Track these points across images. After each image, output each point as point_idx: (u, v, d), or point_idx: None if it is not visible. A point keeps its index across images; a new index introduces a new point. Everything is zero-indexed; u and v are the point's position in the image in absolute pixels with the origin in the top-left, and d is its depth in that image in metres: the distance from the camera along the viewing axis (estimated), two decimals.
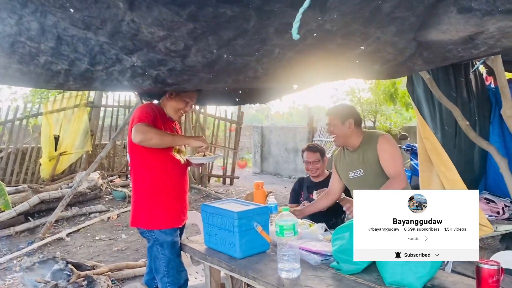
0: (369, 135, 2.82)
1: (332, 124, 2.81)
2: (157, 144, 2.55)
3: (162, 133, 2.57)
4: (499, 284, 1.74)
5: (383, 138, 2.71)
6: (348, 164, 2.88)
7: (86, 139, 8.40)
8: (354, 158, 2.82)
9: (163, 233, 2.64)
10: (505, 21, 1.55)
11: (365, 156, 2.75)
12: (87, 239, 5.59)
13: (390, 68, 2.06)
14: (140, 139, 2.46)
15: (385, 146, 2.67)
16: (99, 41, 1.62)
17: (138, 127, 2.46)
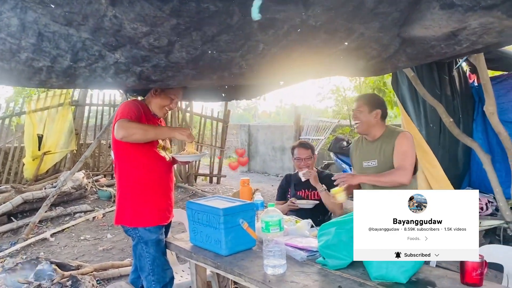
0: (392, 129, 2.87)
1: (359, 109, 2.82)
2: (141, 139, 2.52)
3: (145, 127, 2.53)
4: (483, 277, 1.77)
5: (403, 135, 2.76)
6: (364, 154, 2.92)
7: (71, 138, 8.30)
8: (372, 149, 2.86)
9: (147, 231, 2.61)
10: (487, 17, 1.57)
11: (382, 148, 2.78)
12: (72, 239, 5.52)
13: (375, 64, 2.07)
14: (123, 135, 2.43)
15: (402, 141, 2.71)
16: (81, 37, 1.59)
17: (120, 123, 2.43)
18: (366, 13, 1.52)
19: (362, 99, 2.87)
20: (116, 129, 2.44)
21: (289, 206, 3.26)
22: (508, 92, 4.53)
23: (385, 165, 2.75)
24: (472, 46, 1.86)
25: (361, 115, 2.81)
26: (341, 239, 2.00)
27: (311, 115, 10.65)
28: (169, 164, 2.79)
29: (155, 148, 2.68)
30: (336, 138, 7.45)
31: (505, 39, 1.82)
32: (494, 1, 1.49)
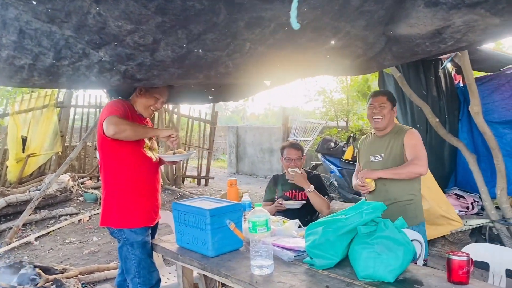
0: (400, 126, 2.95)
1: (383, 105, 2.86)
2: (131, 136, 2.49)
3: (134, 125, 2.51)
4: (469, 275, 1.78)
5: (412, 131, 2.84)
6: (372, 148, 2.97)
7: (56, 140, 8.19)
8: (380, 143, 2.91)
9: (133, 232, 2.58)
10: (470, 15, 1.59)
11: (390, 144, 2.84)
12: (57, 242, 5.44)
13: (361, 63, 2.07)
14: (114, 131, 2.39)
15: (412, 136, 2.79)
16: (64, 35, 1.56)
17: (110, 119, 2.40)
18: (352, 11, 1.52)
19: (385, 94, 2.92)
20: (106, 126, 2.40)
21: (277, 206, 3.25)
22: (492, 93, 4.60)
23: (391, 159, 2.81)
24: (457, 44, 1.87)
25: (385, 110, 2.85)
26: (328, 238, 2.00)
27: (299, 116, 10.68)
28: (155, 164, 2.76)
29: (141, 148, 2.65)
30: (324, 139, 7.47)
31: (488, 37, 1.83)
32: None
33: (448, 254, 1.81)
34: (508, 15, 1.56)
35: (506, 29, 1.72)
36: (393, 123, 2.95)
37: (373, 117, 2.88)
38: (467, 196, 4.49)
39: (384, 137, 2.91)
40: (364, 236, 1.93)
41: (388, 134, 2.90)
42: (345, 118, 10.37)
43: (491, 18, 1.57)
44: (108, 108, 2.51)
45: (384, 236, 1.90)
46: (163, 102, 2.74)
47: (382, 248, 1.87)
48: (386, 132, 2.91)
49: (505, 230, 3.87)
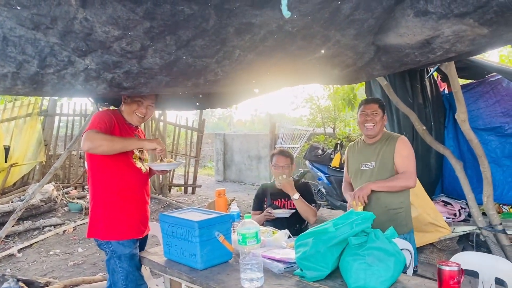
0: (389, 134, 2.96)
1: (375, 112, 2.87)
2: (108, 151, 2.42)
3: (111, 139, 2.42)
4: (460, 285, 1.76)
5: (403, 139, 2.86)
6: (362, 156, 2.96)
7: (39, 149, 8.03)
8: (370, 151, 2.91)
9: (121, 245, 2.52)
10: (459, 25, 1.59)
11: (381, 151, 2.84)
12: (41, 254, 5.31)
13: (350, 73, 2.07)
14: (88, 147, 2.34)
15: (404, 146, 2.81)
16: (50, 42, 1.52)
17: (86, 135, 2.34)
18: (342, 20, 1.51)
19: (377, 102, 2.93)
20: (82, 141, 2.36)
21: (266, 216, 3.22)
22: (477, 100, 4.65)
23: (382, 167, 2.81)
24: (446, 55, 1.88)
25: (377, 117, 2.86)
26: (318, 250, 1.97)
27: (286, 123, 10.69)
28: (145, 176, 2.70)
29: (130, 158, 2.60)
30: (311, 146, 7.48)
31: (477, 48, 1.84)
32: (466, 9, 1.50)
33: (438, 265, 1.80)
34: (496, 25, 1.57)
35: (493, 39, 1.74)
36: (383, 131, 2.96)
37: (365, 124, 2.88)
38: (454, 203, 4.51)
39: (374, 144, 2.91)
40: (354, 247, 1.91)
41: (378, 141, 2.90)
42: (332, 125, 10.42)
43: (480, 28, 1.58)
44: (92, 121, 2.46)
45: (374, 247, 1.89)
46: (149, 106, 2.64)
47: (373, 259, 1.85)
48: (376, 140, 2.92)
49: (492, 236, 3.89)
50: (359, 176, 2.94)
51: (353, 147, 3.12)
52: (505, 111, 4.45)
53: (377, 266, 1.84)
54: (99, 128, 2.40)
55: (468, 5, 1.48)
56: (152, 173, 2.79)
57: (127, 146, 2.53)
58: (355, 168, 3.00)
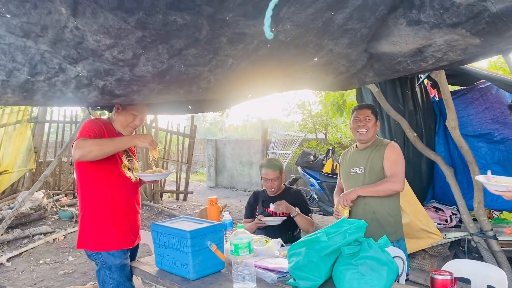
0: (380, 140, 2.97)
1: (368, 118, 2.89)
2: (99, 155, 2.37)
3: (101, 142, 2.38)
4: None
5: (392, 144, 2.87)
6: (353, 161, 2.97)
7: (29, 156, 7.95)
8: (361, 156, 2.92)
9: (111, 255, 2.48)
10: (451, 34, 1.60)
11: (371, 157, 2.85)
12: (30, 263, 5.24)
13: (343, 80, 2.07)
14: (80, 155, 2.30)
15: (392, 151, 2.82)
16: (40, 50, 1.50)
17: (76, 144, 2.32)
18: (335, 29, 1.51)
19: (370, 108, 2.95)
20: (73, 151, 2.33)
21: (257, 223, 3.21)
22: (467, 107, 4.69)
23: (371, 171, 2.82)
24: (437, 63, 1.89)
25: (370, 123, 2.88)
26: (311, 259, 1.96)
27: (278, 129, 10.70)
28: (135, 185, 2.68)
29: (119, 167, 2.57)
30: (303, 152, 7.49)
31: (468, 57, 1.86)
32: (458, 19, 1.52)
33: (431, 274, 1.81)
34: (487, 35, 1.58)
35: (485, 49, 1.75)
36: (375, 136, 2.97)
37: (358, 130, 2.89)
38: (445, 209, 4.54)
39: (365, 150, 2.92)
40: (348, 257, 1.91)
41: (369, 147, 2.92)
42: (324, 130, 10.45)
43: (472, 38, 1.59)
44: (82, 128, 2.44)
45: (367, 256, 1.88)
46: (142, 119, 2.66)
47: (366, 268, 1.85)
48: (367, 145, 2.93)
49: (483, 242, 3.91)
50: (349, 181, 2.95)
51: (346, 153, 3.14)
52: (494, 117, 4.50)
53: (370, 275, 1.83)
54: (88, 136, 2.37)
55: (461, 16, 1.49)
56: (141, 182, 2.76)
57: (119, 147, 2.48)
58: (345, 173, 3.02)
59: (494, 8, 1.42)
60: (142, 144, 2.51)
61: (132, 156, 2.76)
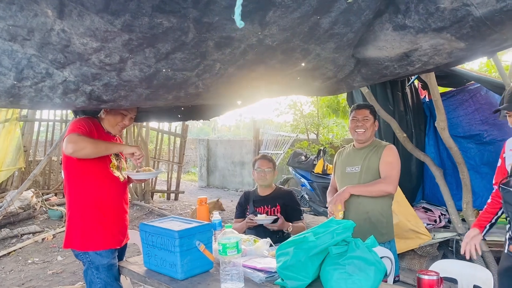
0: (378, 141, 2.98)
1: (367, 118, 2.89)
2: (91, 154, 2.39)
3: (95, 142, 2.41)
4: None
5: (391, 146, 2.88)
6: (349, 159, 2.98)
7: (19, 155, 7.88)
8: (357, 155, 2.92)
9: (98, 255, 2.48)
10: (437, 39, 1.62)
11: (368, 156, 2.85)
12: (19, 263, 5.20)
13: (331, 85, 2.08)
14: (73, 149, 2.31)
15: (390, 152, 2.82)
16: (27, 54, 1.49)
17: (69, 137, 2.32)
18: (321, 34, 1.52)
19: (367, 108, 2.95)
20: (65, 144, 2.32)
21: (248, 223, 3.21)
22: (457, 108, 4.73)
23: (367, 171, 2.83)
24: (424, 67, 1.91)
25: (368, 123, 2.89)
26: (299, 259, 1.97)
27: (270, 129, 10.71)
28: (123, 184, 2.68)
29: (108, 167, 2.57)
30: (295, 153, 7.51)
31: (454, 60, 1.88)
32: (443, 24, 1.53)
33: (418, 274, 1.83)
34: (472, 39, 1.60)
35: (470, 52, 1.77)
36: (373, 137, 2.98)
37: (356, 130, 2.90)
38: (434, 209, 4.58)
39: (362, 149, 2.93)
40: (335, 257, 1.92)
41: (366, 147, 2.92)
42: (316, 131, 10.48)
43: (457, 42, 1.61)
44: (71, 126, 2.44)
45: (355, 256, 1.89)
46: (131, 118, 2.66)
47: (353, 268, 1.86)
48: (365, 145, 2.94)
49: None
50: (344, 179, 2.96)
51: (342, 152, 3.15)
52: (484, 119, 4.54)
53: (357, 275, 1.84)
54: (80, 132, 2.38)
55: (445, 20, 1.50)
56: (130, 181, 2.76)
57: (109, 149, 2.52)
58: (340, 172, 3.03)
59: (477, 12, 1.44)
60: (130, 150, 2.55)
61: (120, 156, 2.77)
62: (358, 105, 3.04)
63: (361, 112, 2.92)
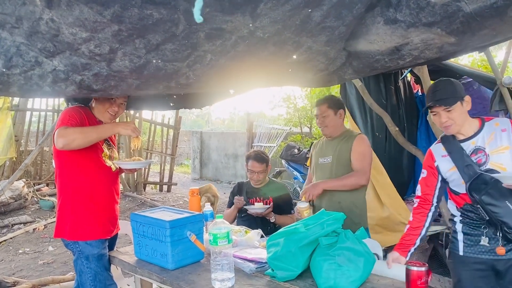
0: (350, 131, 2.98)
1: (324, 115, 2.86)
2: (83, 143, 2.35)
3: (84, 130, 2.37)
4: (427, 285, 1.81)
5: (361, 136, 2.87)
6: (322, 151, 2.99)
7: (10, 145, 7.82)
8: (330, 147, 2.93)
9: (88, 245, 2.48)
10: (428, 33, 1.63)
11: (338, 147, 2.86)
12: (9, 253, 5.19)
13: (322, 77, 2.09)
14: (63, 143, 2.28)
15: (361, 143, 2.82)
16: (16, 42, 1.48)
17: (58, 132, 2.30)
18: (313, 27, 1.52)
19: (324, 103, 2.90)
20: (55, 140, 2.31)
21: (236, 204, 3.25)
22: None
23: (338, 162, 2.84)
24: (415, 61, 1.92)
25: (328, 119, 2.86)
26: (289, 250, 2.00)
27: (264, 122, 10.72)
28: (114, 174, 2.66)
29: (99, 156, 2.56)
30: (288, 146, 7.53)
31: (444, 54, 1.89)
32: (434, 19, 1.54)
33: (407, 265, 1.84)
34: (462, 34, 1.61)
35: (460, 47, 1.79)
36: (342, 127, 2.96)
37: (319, 126, 2.93)
38: None
39: (333, 140, 2.94)
40: (325, 248, 1.94)
41: (337, 138, 2.92)
42: (309, 124, 10.49)
43: (447, 37, 1.62)
44: (62, 116, 2.41)
45: (345, 247, 1.92)
46: (122, 104, 2.59)
47: (343, 259, 1.89)
48: (336, 135, 2.93)
49: None
50: (317, 170, 2.99)
51: (316, 144, 3.17)
52: (476, 113, 4.53)
53: (347, 266, 1.87)
54: (70, 124, 2.35)
55: (436, 15, 1.51)
56: (121, 171, 2.75)
57: (102, 135, 2.46)
58: (314, 163, 3.05)
59: (468, 8, 1.44)
60: (125, 132, 2.50)
61: (112, 145, 2.75)
62: (316, 101, 3.02)
63: (320, 109, 2.90)
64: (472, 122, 2.15)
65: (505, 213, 1.96)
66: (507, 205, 1.96)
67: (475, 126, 2.14)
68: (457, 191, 2.16)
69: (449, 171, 2.16)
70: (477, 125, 2.15)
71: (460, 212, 2.19)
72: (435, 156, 2.24)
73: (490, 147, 2.05)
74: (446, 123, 2.09)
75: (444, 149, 2.19)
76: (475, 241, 2.13)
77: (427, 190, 2.28)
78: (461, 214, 2.19)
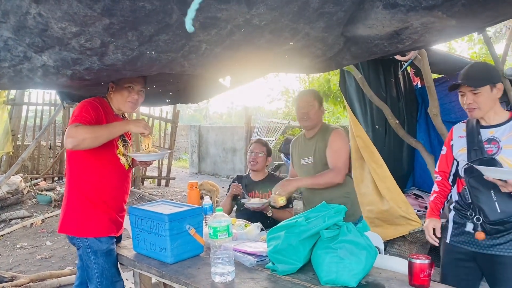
0: (326, 126, 2.89)
1: (309, 105, 2.79)
2: (93, 144, 2.23)
3: (95, 130, 2.23)
4: (430, 277, 1.80)
5: (336, 132, 2.78)
6: (302, 151, 2.93)
7: (6, 139, 7.79)
8: (309, 146, 2.87)
9: (97, 241, 2.38)
10: (428, 17, 1.59)
11: (317, 145, 2.80)
12: (7, 248, 5.17)
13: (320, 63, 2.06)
14: (73, 144, 2.16)
15: (335, 139, 2.74)
16: (3, 36, 1.44)
17: (68, 131, 2.16)
18: (311, 13, 1.48)
19: (311, 94, 2.86)
20: (65, 139, 2.19)
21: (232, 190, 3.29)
22: (449, 93, 4.71)
23: (320, 161, 2.78)
24: (414, 44, 1.89)
25: (312, 110, 2.80)
26: (290, 243, 1.97)
27: (262, 116, 10.68)
28: (126, 173, 2.56)
29: (114, 153, 2.46)
30: (286, 139, 7.49)
31: (444, 37, 1.87)
32: (434, 2, 1.50)
33: (409, 258, 1.83)
34: (463, 17, 1.58)
35: (461, 29, 1.77)
36: (321, 122, 2.91)
37: (302, 117, 2.84)
38: (425, 196, 4.59)
39: (312, 138, 2.88)
40: (326, 241, 1.91)
41: (315, 135, 2.86)
42: None
43: (448, 19, 1.58)
44: (77, 111, 2.28)
45: (346, 240, 1.89)
46: (140, 91, 2.47)
47: (345, 252, 1.86)
48: (314, 133, 2.87)
49: None
50: (301, 171, 2.94)
51: (296, 141, 3.09)
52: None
53: (349, 259, 1.85)
54: (83, 121, 2.23)
55: None
56: (134, 164, 2.67)
57: (113, 134, 2.33)
58: (296, 163, 3.00)
59: None
60: (136, 129, 2.37)
61: (127, 141, 2.64)
62: (300, 92, 2.99)
63: (304, 99, 2.84)
64: (501, 112, 2.12)
65: (484, 200, 2.02)
66: (490, 194, 2.01)
67: (502, 117, 2.11)
68: (461, 175, 2.18)
69: (459, 151, 2.18)
70: (505, 117, 2.11)
71: (458, 197, 2.23)
72: (454, 135, 2.26)
73: (506, 142, 2.03)
74: (470, 106, 2.07)
75: (464, 130, 2.20)
76: (461, 230, 2.19)
77: (444, 167, 2.32)
78: (455, 200, 2.24)
